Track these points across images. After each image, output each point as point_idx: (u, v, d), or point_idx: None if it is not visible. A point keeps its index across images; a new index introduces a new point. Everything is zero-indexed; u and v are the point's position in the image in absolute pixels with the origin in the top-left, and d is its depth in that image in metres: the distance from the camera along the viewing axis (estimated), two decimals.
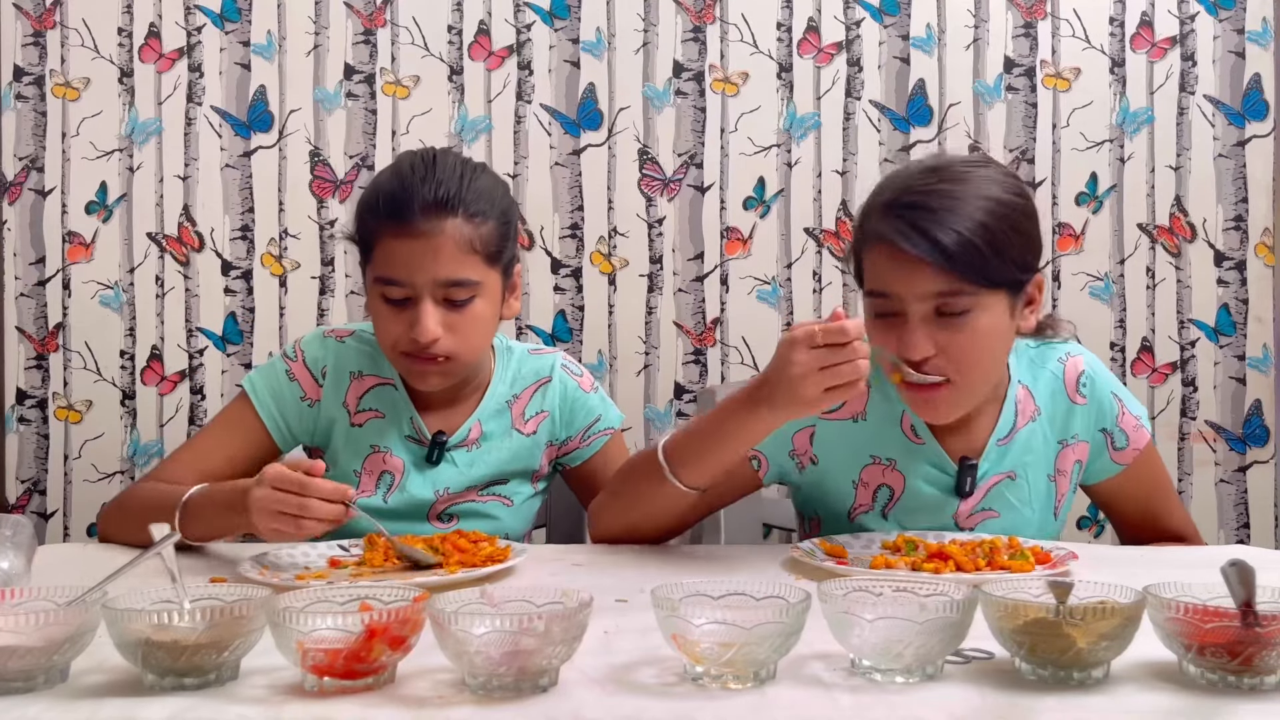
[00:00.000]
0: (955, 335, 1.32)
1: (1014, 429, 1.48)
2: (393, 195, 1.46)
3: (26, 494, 2.41)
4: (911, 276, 1.31)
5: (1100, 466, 1.53)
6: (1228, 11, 2.42)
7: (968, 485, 1.45)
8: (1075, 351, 1.54)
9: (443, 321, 1.45)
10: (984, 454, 1.47)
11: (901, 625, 0.88)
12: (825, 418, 1.46)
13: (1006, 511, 1.47)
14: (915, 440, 1.47)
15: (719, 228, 2.43)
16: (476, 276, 1.46)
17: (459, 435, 1.58)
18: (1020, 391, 1.49)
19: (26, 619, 0.86)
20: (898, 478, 1.47)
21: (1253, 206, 2.43)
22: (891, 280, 1.33)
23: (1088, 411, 1.50)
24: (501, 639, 0.85)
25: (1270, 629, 0.85)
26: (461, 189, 1.46)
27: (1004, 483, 1.47)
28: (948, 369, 1.33)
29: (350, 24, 2.41)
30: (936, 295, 1.31)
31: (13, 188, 2.39)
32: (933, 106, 2.43)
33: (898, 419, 1.46)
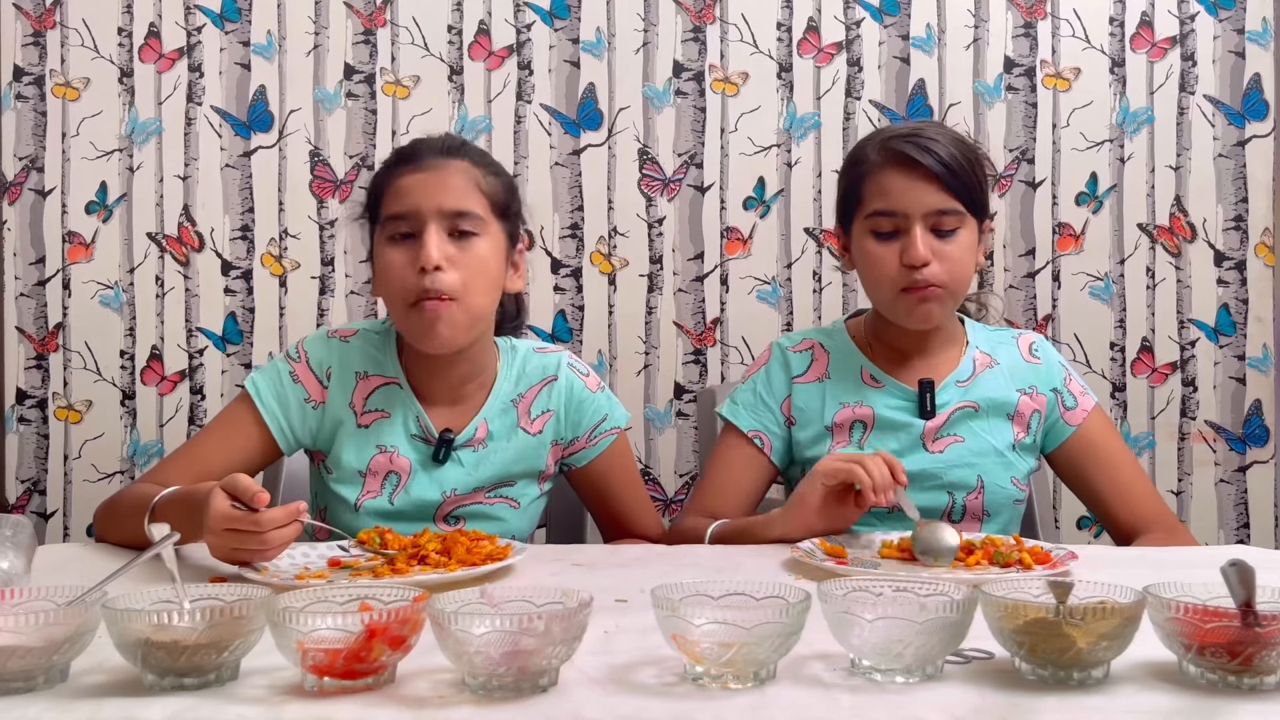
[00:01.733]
0: (947, 247, 1.57)
1: (973, 374, 1.67)
2: (404, 149, 1.56)
3: (26, 494, 2.41)
4: (918, 192, 1.55)
5: (1054, 425, 1.69)
6: (1228, 11, 2.42)
7: (928, 404, 1.64)
8: (1026, 331, 1.77)
9: (447, 255, 1.47)
10: (943, 386, 1.65)
11: (901, 625, 0.88)
12: (797, 382, 1.69)
13: (970, 437, 1.64)
14: (876, 384, 1.67)
15: (719, 228, 2.43)
16: (480, 212, 1.50)
17: (465, 434, 1.58)
18: (977, 352, 1.69)
19: (26, 619, 0.86)
20: (866, 411, 1.65)
21: (1253, 206, 2.43)
22: (899, 196, 1.56)
23: (1041, 370, 1.70)
24: (501, 639, 0.85)
25: (1270, 629, 0.85)
26: (472, 148, 1.57)
27: (965, 410, 1.65)
28: (942, 275, 1.56)
29: (350, 24, 2.41)
30: (936, 211, 1.56)
31: (13, 188, 2.39)
32: (933, 106, 2.43)
33: (857, 372, 1.68)
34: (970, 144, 1.63)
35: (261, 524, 1.19)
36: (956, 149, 1.58)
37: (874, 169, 1.59)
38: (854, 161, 1.64)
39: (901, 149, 1.56)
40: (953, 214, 1.56)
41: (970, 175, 1.58)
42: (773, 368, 1.70)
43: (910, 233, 1.56)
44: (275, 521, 1.20)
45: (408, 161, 1.52)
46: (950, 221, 1.57)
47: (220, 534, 1.20)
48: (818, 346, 1.71)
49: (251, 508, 1.20)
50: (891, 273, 1.57)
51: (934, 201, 1.56)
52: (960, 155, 1.58)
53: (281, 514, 1.21)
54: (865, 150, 1.62)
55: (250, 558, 1.22)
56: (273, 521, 1.20)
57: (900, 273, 1.56)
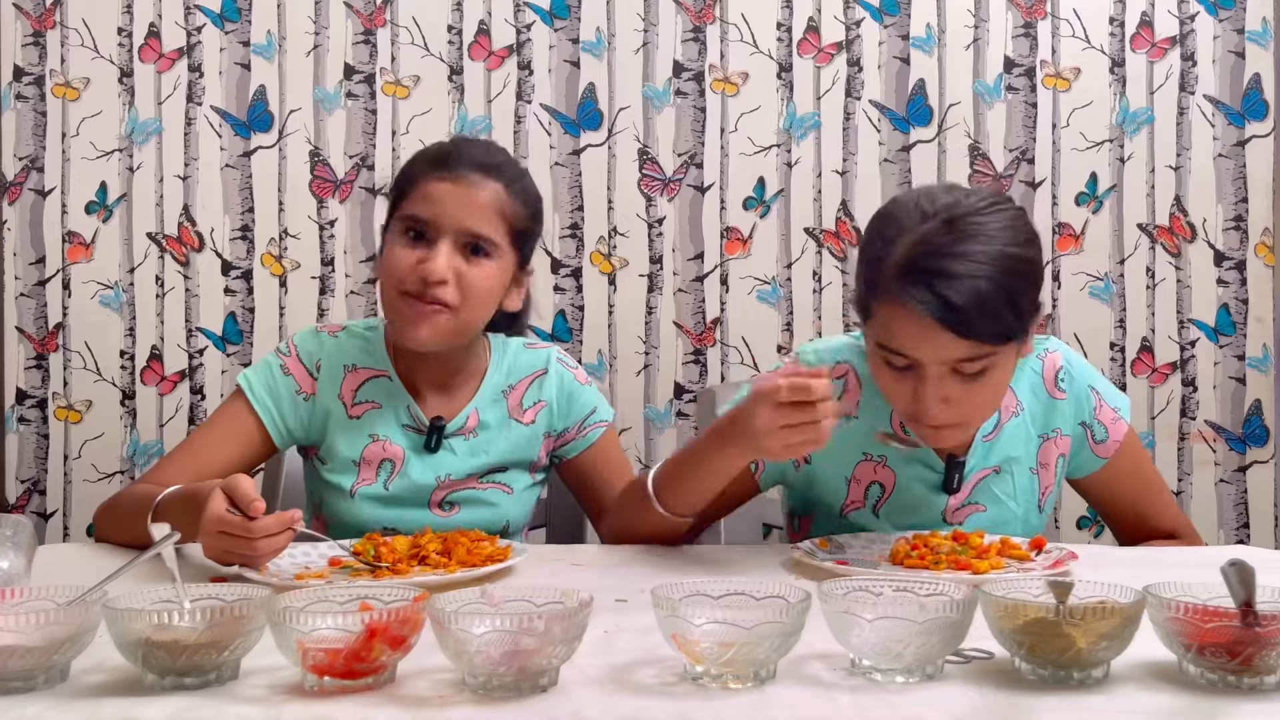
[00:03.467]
0: (971, 389, 1.32)
1: (999, 425, 1.50)
2: (443, 149, 1.53)
3: (26, 494, 2.41)
4: (931, 342, 1.28)
5: (1083, 460, 1.55)
6: (1228, 11, 2.42)
7: (955, 482, 1.47)
8: (1053, 347, 1.55)
9: (454, 268, 1.47)
10: (970, 450, 1.49)
11: (901, 625, 0.88)
12: None
13: (992, 504, 1.51)
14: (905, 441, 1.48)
15: (719, 228, 2.43)
16: (498, 239, 1.49)
17: (456, 423, 1.59)
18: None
19: (26, 619, 0.86)
20: (889, 474, 1.50)
21: (1253, 206, 2.43)
22: (910, 344, 1.30)
23: (1067, 405, 1.52)
24: (501, 639, 0.85)
25: (1270, 629, 0.85)
26: (507, 164, 1.54)
27: (990, 477, 1.50)
28: (960, 416, 1.35)
29: (350, 24, 2.41)
30: (955, 360, 1.30)
31: (13, 188, 2.39)
32: (933, 106, 2.43)
33: (888, 417, 1.48)
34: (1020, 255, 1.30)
35: (252, 531, 1.20)
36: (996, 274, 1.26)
37: (884, 297, 1.30)
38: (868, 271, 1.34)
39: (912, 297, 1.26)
40: (978, 359, 1.30)
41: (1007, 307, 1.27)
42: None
43: (923, 379, 1.31)
44: (266, 530, 1.20)
45: (443, 166, 1.50)
46: (972, 366, 1.30)
47: (213, 535, 1.21)
48: (852, 374, 1.50)
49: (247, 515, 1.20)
50: (904, 406, 1.36)
51: (950, 352, 1.28)
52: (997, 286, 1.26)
53: (274, 523, 1.21)
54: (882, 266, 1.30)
55: (240, 562, 1.23)
56: (264, 529, 1.20)
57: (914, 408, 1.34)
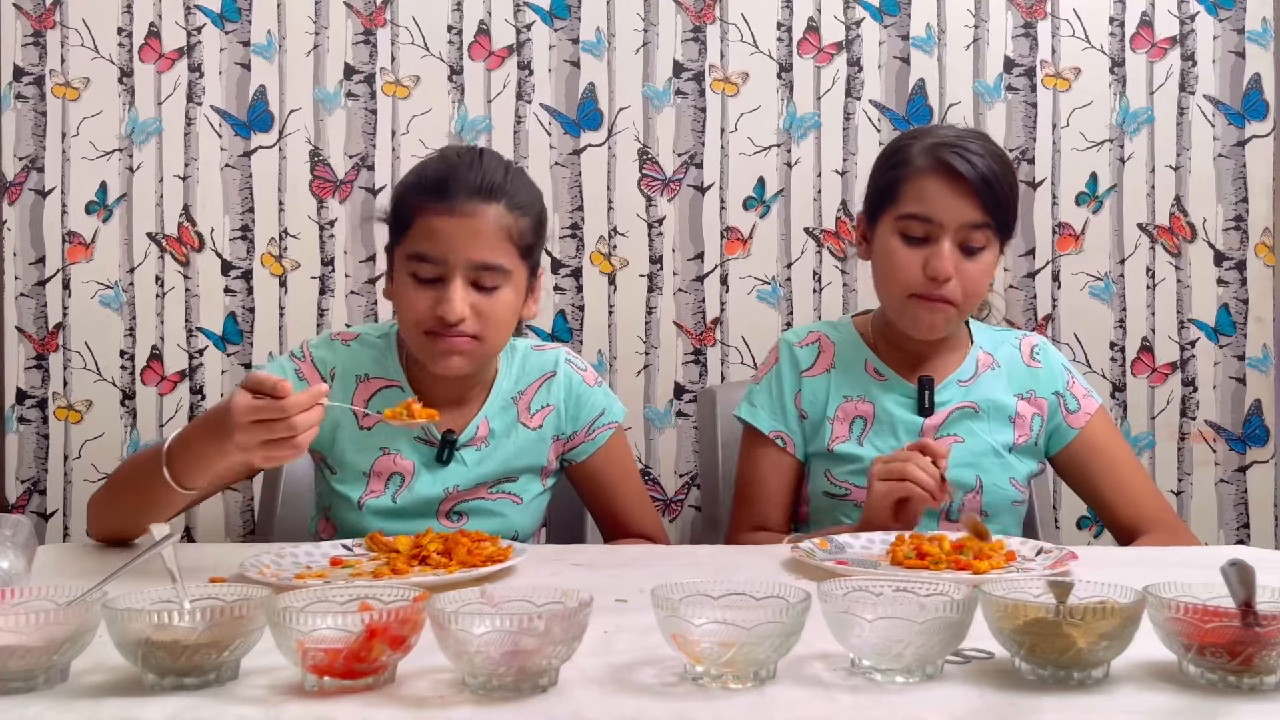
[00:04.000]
0: (970, 265, 1.57)
1: (975, 375, 1.68)
2: (438, 176, 1.50)
3: (26, 494, 2.41)
4: (957, 204, 1.55)
5: (1056, 427, 1.70)
6: (1228, 11, 2.42)
7: (927, 401, 1.65)
8: (1029, 334, 1.77)
9: (470, 303, 1.47)
10: (944, 385, 1.67)
11: (901, 625, 0.88)
12: (805, 376, 1.71)
13: (970, 437, 1.65)
14: (879, 378, 1.69)
15: (719, 228, 2.43)
16: (509, 265, 1.49)
17: (467, 434, 1.59)
18: (979, 352, 1.70)
19: (26, 619, 0.86)
20: (868, 407, 1.67)
21: (1253, 206, 2.43)
22: (938, 205, 1.56)
23: (1042, 374, 1.70)
24: (501, 639, 0.85)
25: (1270, 629, 0.85)
26: (506, 181, 1.51)
27: (965, 410, 1.66)
28: (958, 293, 1.57)
29: (350, 24, 2.41)
30: (969, 225, 1.56)
31: (13, 188, 2.39)
32: (933, 106, 2.43)
33: (862, 364, 1.70)
34: (1009, 162, 1.63)
35: (287, 409, 1.21)
36: (998, 165, 1.57)
37: (917, 172, 1.58)
38: (895, 160, 1.62)
39: (949, 159, 1.55)
40: (984, 229, 1.57)
41: (1006, 194, 1.58)
42: (783, 365, 1.72)
43: (940, 244, 1.56)
44: (300, 405, 1.22)
45: (441, 197, 1.48)
46: (980, 238, 1.57)
47: (247, 428, 1.22)
48: (824, 338, 1.73)
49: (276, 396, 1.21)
50: (910, 278, 1.58)
51: (970, 216, 1.56)
52: (1001, 173, 1.57)
53: (306, 398, 1.23)
54: (910, 151, 1.60)
55: (280, 449, 1.23)
56: (298, 405, 1.22)
57: (920, 280, 1.57)
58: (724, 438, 1.97)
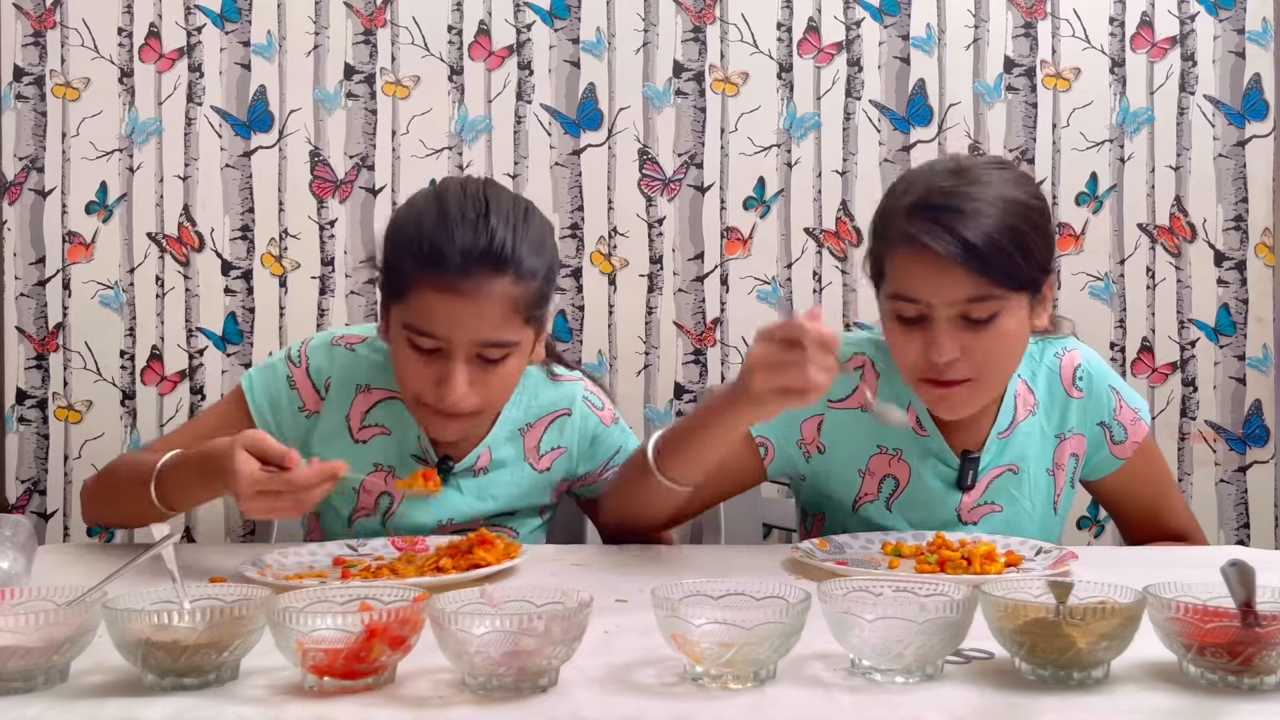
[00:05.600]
0: (981, 338, 1.33)
1: (1014, 422, 1.50)
2: (437, 243, 1.32)
3: (26, 494, 2.41)
4: (941, 281, 1.31)
5: (1100, 461, 1.55)
6: (1228, 11, 2.42)
7: (969, 479, 1.47)
8: (1072, 346, 1.55)
9: (471, 379, 1.36)
10: (985, 447, 1.48)
11: (901, 625, 0.88)
12: (833, 406, 1.48)
13: (1008, 505, 1.49)
14: (921, 433, 1.49)
15: (719, 228, 2.43)
16: (515, 338, 1.37)
17: (468, 461, 1.52)
18: (1019, 385, 1.51)
19: (26, 619, 0.86)
20: (903, 468, 1.48)
21: (1253, 206, 2.43)
22: (920, 285, 1.33)
23: (1084, 405, 1.52)
24: (501, 639, 0.85)
25: (1270, 629, 0.85)
26: (515, 244, 1.35)
27: (1005, 476, 1.49)
28: (972, 370, 1.35)
29: (350, 24, 2.41)
30: (965, 300, 1.32)
31: (13, 188, 2.39)
32: (933, 106, 2.43)
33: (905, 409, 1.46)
34: (1022, 203, 1.34)
35: (295, 484, 1.18)
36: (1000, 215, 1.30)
37: (895, 245, 1.36)
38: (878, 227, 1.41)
39: (921, 234, 1.30)
40: (986, 300, 1.32)
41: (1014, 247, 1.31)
42: None
43: (935, 325, 1.33)
44: (309, 482, 1.19)
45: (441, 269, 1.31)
46: (983, 309, 1.32)
47: (253, 498, 1.19)
48: (869, 367, 1.51)
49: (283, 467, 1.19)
50: (912, 362, 1.37)
51: (961, 291, 1.31)
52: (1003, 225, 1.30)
53: (313, 475, 1.20)
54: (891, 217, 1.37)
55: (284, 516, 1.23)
56: (306, 482, 1.19)
57: (924, 364, 1.36)
58: None
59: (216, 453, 1.24)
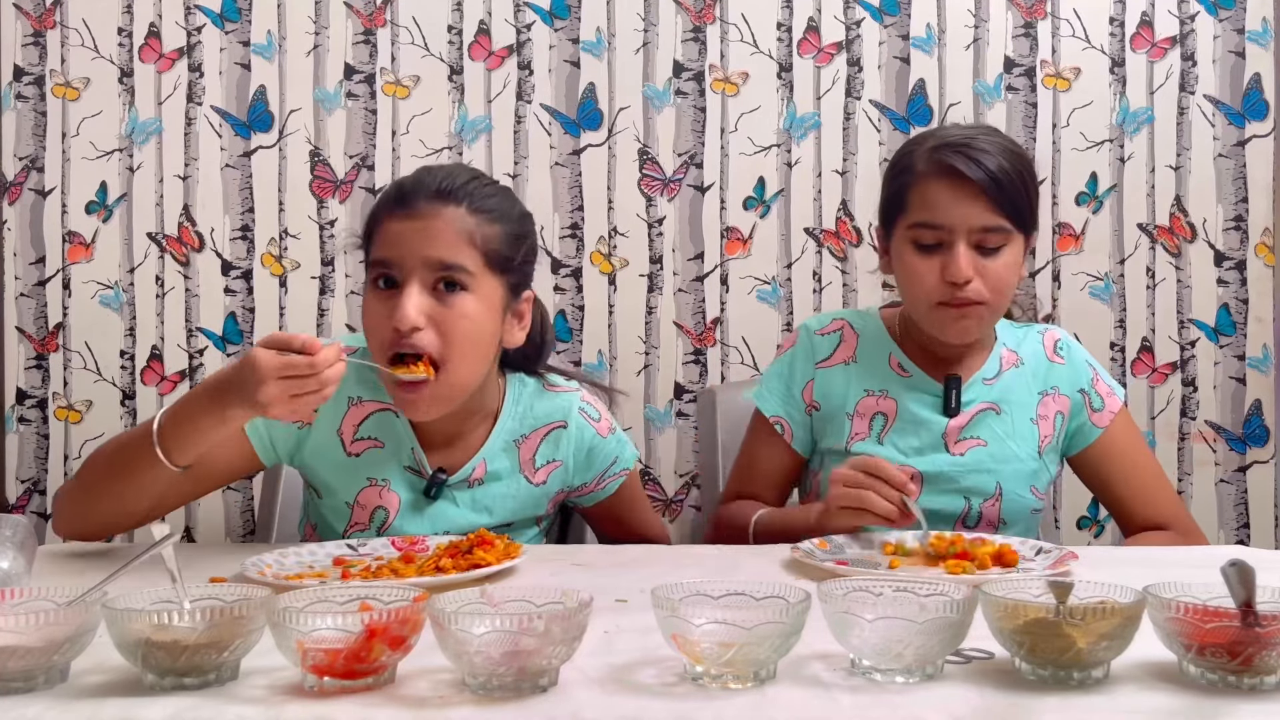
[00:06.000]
0: (991, 264, 1.52)
1: (999, 373, 1.64)
2: (401, 184, 1.45)
3: (26, 494, 2.41)
4: (965, 206, 1.51)
5: (1080, 426, 1.66)
6: (1228, 11, 2.42)
7: (953, 400, 1.61)
8: (1053, 328, 1.74)
9: (427, 311, 1.37)
10: (969, 384, 1.62)
11: (901, 625, 0.88)
12: (820, 366, 1.66)
13: (993, 441, 1.61)
14: (903, 374, 1.64)
15: (719, 228, 2.43)
16: (471, 267, 1.39)
17: (463, 473, 1.51)
18: (1004, 350, 1.67)
19: (26, 619, 0.86)
20: (890, 404, 1.63)
21: (1253, 206, 2.43)
22: (944, 209, 1.51)
23: (1066, 370, 1.67)
24: (501, 639, 0.85)
25: (1270, 629, 0.85)
26: (470, 187, 1.42)
27: (989, 413, 1.62)
28: (985, 293, 1.52)
29: (350, 24, 2.41)
30: (982, 228, 1.51)
31: (13, 188, 2.39)
32: (933, 106, 2.43)
33: (886, 358, 1.65)
34: (1022, 155, 1.57)
35: (317, 364, 1.22)
36: (1008, 161, 1.52)
37: (921, 178, 1.54)
38: (901, 167, 1.58)
39: (951, 161, 1.51)
40: (999, 231, 1.51)
41: (1020, 191, 1.52)
42: (797, 352, 1.68)
43: (954, 248, 1.51)
44: (329, 360, 1.23)
45: (400, 204, 1.41)
46: (995, 239, 1.52)
47: (276, 382, 1.22)
48: (847, 327, 1.68)
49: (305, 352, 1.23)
50: (931, 287, 1.53)
51: (980, 219, 1.51)
52: (1011, 169, 1.51)
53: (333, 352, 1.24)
54: (913, 156, 1.56)
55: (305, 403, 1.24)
56: (327, 361, 1.23)
57: (940, 287, 1.52)
58: (724, 438, 1.97)
59: (231, 369, 1.28)
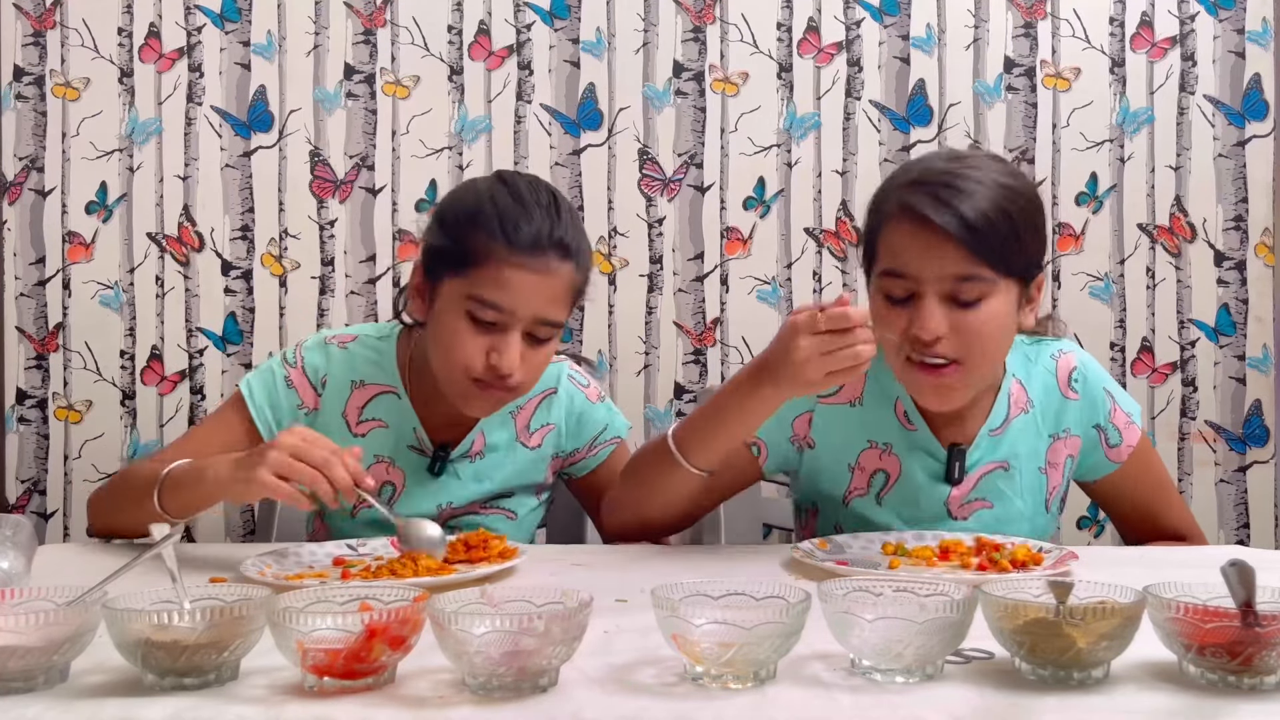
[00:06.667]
0: (967, 317, 1.33)
1: (1006, 420, 1.50)
2: (516, 220, 1.41)
3: (26, 494, 2.41)
4: (933, 255, 1.32)
5: (1095, 463, 1.54)
6: (1228, 11, 2.42)
7: (956, 472, 1.47)
8: (1068, 348, 1.55)
9: (521, 354, 1.44)
10: (975, 443, 1.48)
11: (901, 625, 0.88)
12: (823, 402, 1.49)
13: (999, 501, 1.49)
14: (908, 426, 1.49)
15: (719, 228, 2.43)
16: (563, 320, 1.48)
17: (463, 447, 1.56)
18: (1014, 385, 1.51)
19: (26, 619, 0.86)
20: (893, 462, 1.48)
21: (1253, 206, 2.43)
22: (911, 258, 1.33)
23: (1080, 406, 1.52)
24: (501, 639, 0.85)
25: (1270, 629, 0.85)
26: (578, 237, 1.47)
27: (996, 472, 1.49)
28: (959, 351, 1.34)
29: (350, 24, 2.41)
30: (954, 278, 1.32)
31: (13, 188, 2.39)
32: (933, 106, 2.43)
33: (892, 404, 1.48)
34: (1018, 190, 1.36)
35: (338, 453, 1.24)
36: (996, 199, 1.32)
37: (888, 220, 1.36)
38: (874, 206, 1.42)
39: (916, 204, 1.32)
40: (975, 281, 1.32)
41: (1007, 232, 1.32)
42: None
43: (922, 301, 1.33)
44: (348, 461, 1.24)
45: (519, 247, 1.40)
46: (971, 290, 1.32)
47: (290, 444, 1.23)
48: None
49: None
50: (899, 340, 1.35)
51: (951, 267, 1.32)
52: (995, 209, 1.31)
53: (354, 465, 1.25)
54: (886, 194, 1.39)
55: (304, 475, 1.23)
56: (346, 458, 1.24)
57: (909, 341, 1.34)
58: None
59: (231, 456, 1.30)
